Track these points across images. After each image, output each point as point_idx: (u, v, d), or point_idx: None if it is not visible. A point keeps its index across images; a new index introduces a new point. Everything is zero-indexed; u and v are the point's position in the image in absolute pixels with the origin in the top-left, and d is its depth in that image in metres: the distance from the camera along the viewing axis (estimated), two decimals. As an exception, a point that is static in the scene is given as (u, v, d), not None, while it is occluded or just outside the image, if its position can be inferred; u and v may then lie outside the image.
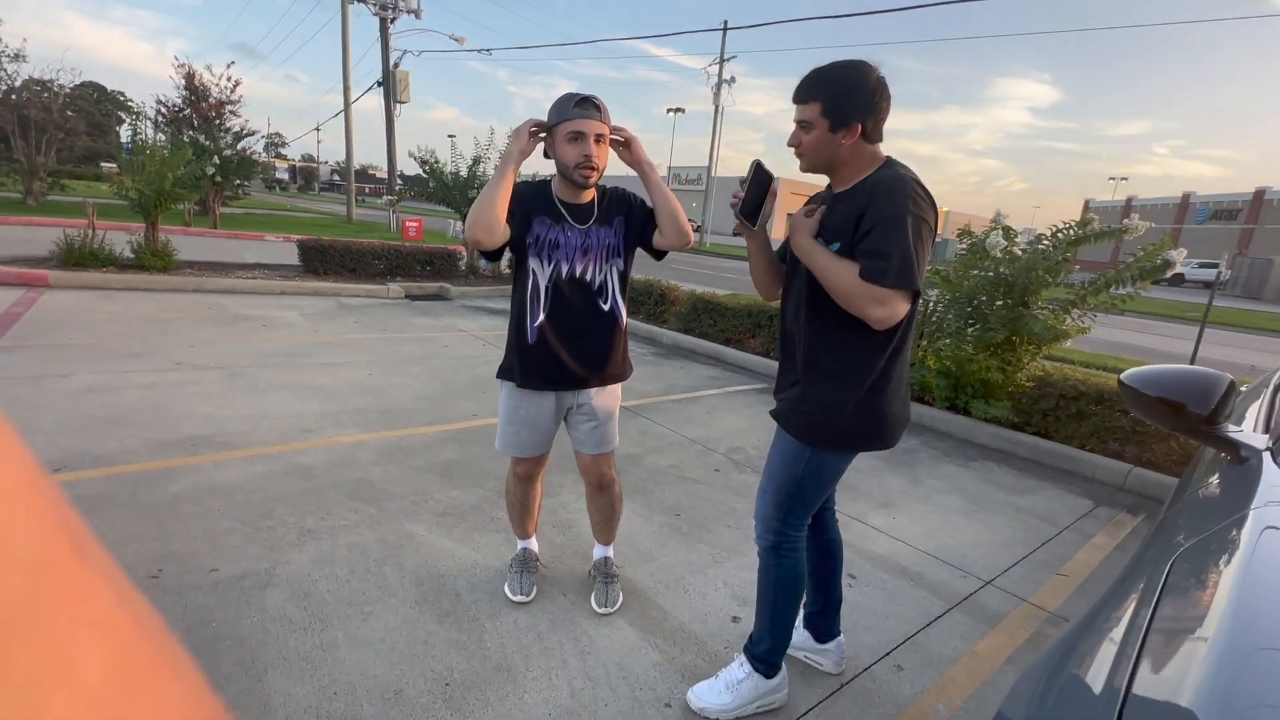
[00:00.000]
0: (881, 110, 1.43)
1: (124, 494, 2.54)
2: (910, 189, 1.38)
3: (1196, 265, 30.19)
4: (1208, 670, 0.61)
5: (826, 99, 1.42)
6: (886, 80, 1.44)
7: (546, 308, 1.84)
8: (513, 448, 2.00)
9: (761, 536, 1.68)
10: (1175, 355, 8.45)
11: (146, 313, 5.75)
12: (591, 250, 1.84)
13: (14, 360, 4.02)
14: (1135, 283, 4.09)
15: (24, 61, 14.65)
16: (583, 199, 1.84)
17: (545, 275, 1.82)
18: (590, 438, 2.00)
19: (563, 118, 1.70)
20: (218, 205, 14.89)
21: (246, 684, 1.66)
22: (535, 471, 2.10)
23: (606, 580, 2.17)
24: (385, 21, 20.07)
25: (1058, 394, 4.23)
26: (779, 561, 1.66)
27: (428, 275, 9.12)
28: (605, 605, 2.10)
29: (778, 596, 1.67)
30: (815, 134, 1.45)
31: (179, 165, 7.28)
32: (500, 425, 2.00)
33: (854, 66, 1.43)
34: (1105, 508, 3.47)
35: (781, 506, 1.62)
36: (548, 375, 1.88)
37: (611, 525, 2.20)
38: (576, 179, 1.74)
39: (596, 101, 1.71)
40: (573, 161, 1.72)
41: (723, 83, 29.62)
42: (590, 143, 1.70)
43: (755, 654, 1.72)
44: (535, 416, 1.95)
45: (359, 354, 5.12)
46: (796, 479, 1.59)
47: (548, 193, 1.84)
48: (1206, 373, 1.33)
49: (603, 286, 1.88)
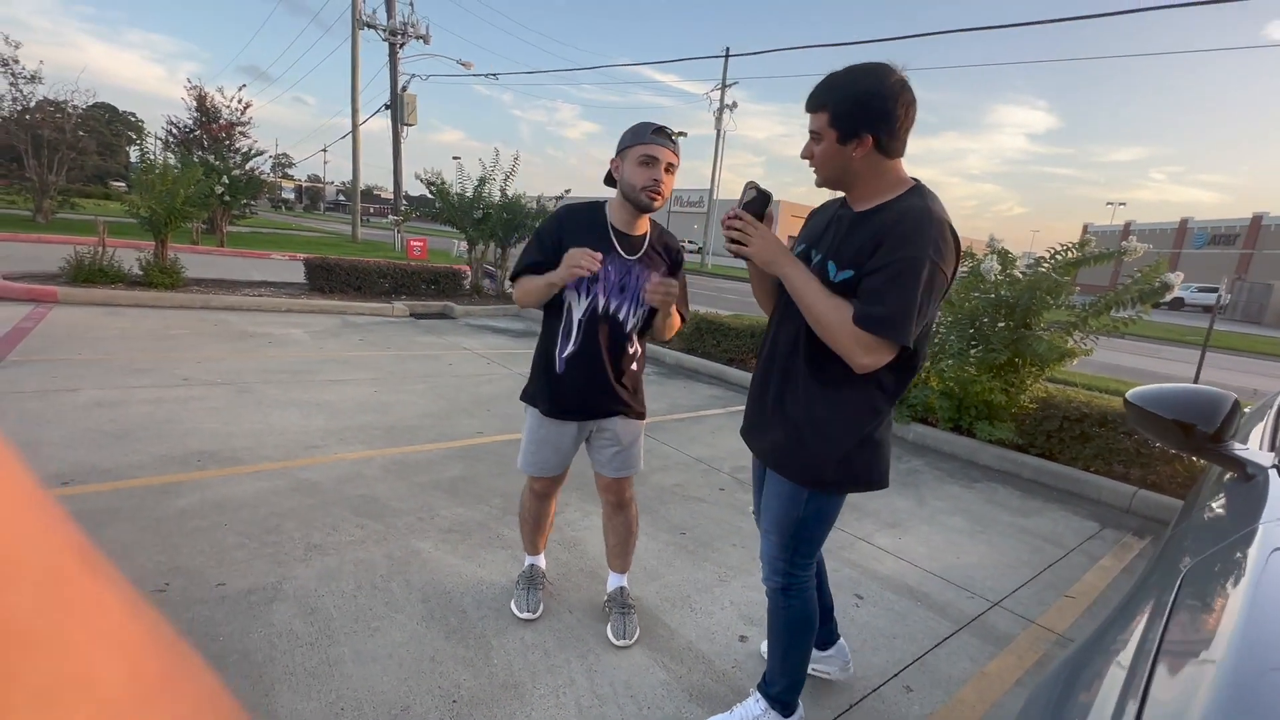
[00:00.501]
0: (899, 120, 1.28)
1: (131, 508, 2.54)
2: (937, 231, 1.26)
3: (1196, 290, 30.34)
4: (1218, 693, 0.62)
5: (833, 107, 1.30)
6: (910, 86, 1.30)
7: (577, 342, 1.85)
8: (534, 468, 2.01)
9: (769, 579, 1.61)
10: (1176, 378, 8.46)
11: (154, 329, 5.79)
12: (628, 289, 1.85)
13: (23, 374, 4.04)
14: (1135, 305, 4.13)
15: (39, 83, 14.93)
16: (637, 229, 1.86)
17: (581, 309, 1.84)
18: (612, 462, 2.01)
19: (639, 141, 1.75)
20: (225, 224, 15.05)
21: (254, 699, 1.65)
22: (552, 489, 2.12)
23: (624, 611, 2.12)
24: (394, 47, 20.49)
25: (1061, 415, 4.24)
26: (789, 603, 1.60)
27: (432, 294, 9.18)
28: (624, 638, 2.05)
29: (790, 637, 1.62)
30: (824, 145, 1.33)
31: (189, 184, 7.39)
32: (523, 445, 2.02)
33: (869, 70, 1.29)
34: (1111, 530, 3.46)
35: (787, 548, 1.56)
36: (572, 406, 1.92)
37: (628, 549, 2.18)
38: (642, 200, 1.77)
39: (671, 133, 1.77)
40: (642, 183, 1.75)
41: (724, 108, 30.09)
42: (661, 169, 1.75)
43: (770, 694, 1.67)
44: (558, 439, 1.97)
45: (364, 371, 5.14)
46: (798, 520, 1.52)
47: (600, 219, 1.85)
48: (1211, 391, 1.35)
49: (632, 331, 1.91)
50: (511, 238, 9.62)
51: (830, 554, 2.80)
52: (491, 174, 9.30)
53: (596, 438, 2.01)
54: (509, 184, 9.31)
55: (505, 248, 9.92)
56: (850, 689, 1.94)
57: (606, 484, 2.06)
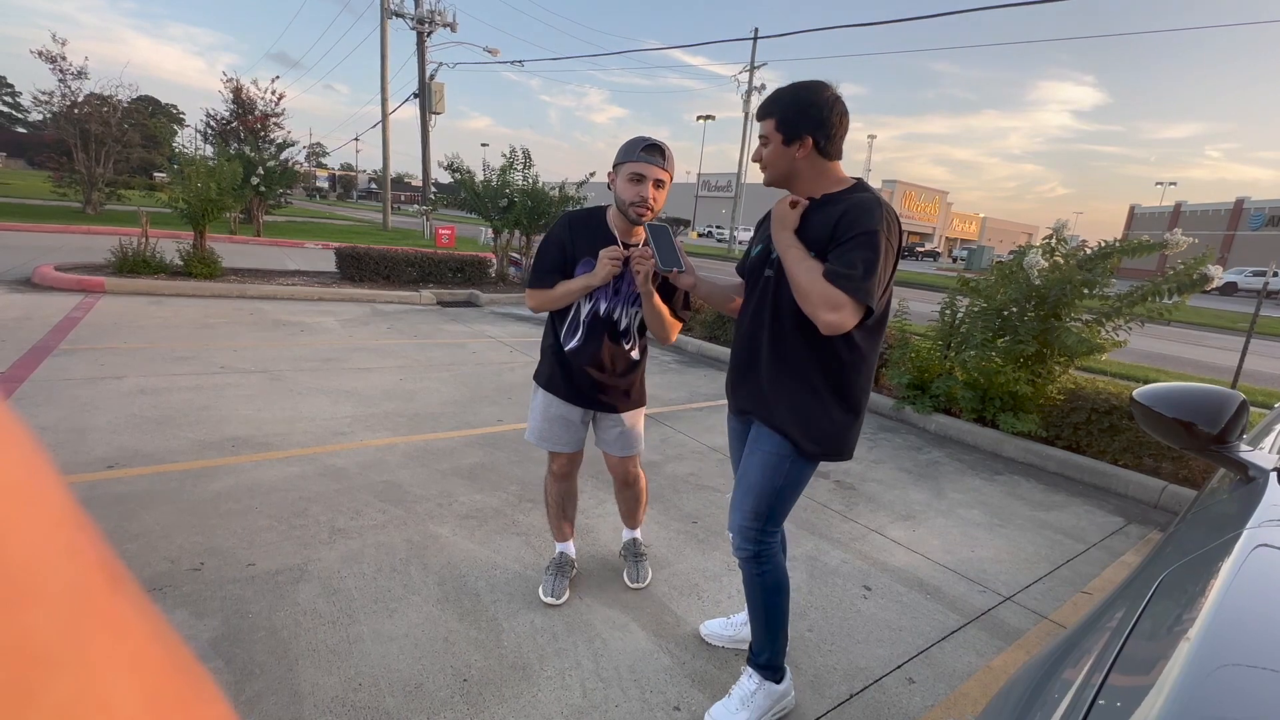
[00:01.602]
0: (834, 126, 1.51)
1: (170, 491, 2.70)
2: (885, 212, 1.46)
3: (1250, 274, 28.92)
4: (1171, 685, 0.63)
5: (779, 114, 1.52)
6: (843, 100, 1.53)
7: (580, 338, 1.99)
8: (546, 441, 2.12)
9: (741, 548, 1.71)
10: (1219, 369, 8.13)
11: (194, 318, 6.04)
12: (622, 292, 1.96)
13: (73, 362, 4.28)
14: (1173, 297, 3.99)
15: (86, 79, 15.48)
16: (634, 237, 1.96)
17: (586, 308, 1.97)
18: (617, 442, 2.15)
19: (628, 159, 1.83)
20: (261, 213, 15.48)
21: (279, 673, 1.75)
22: (570, 469, 2.22)
23: (636, 559, 2.36)
24: (422, 36, 20.63)
25: (1090, 407, 4.13)
26: (762, 570, 1.70)
27: (459, 282, 9.34)
28: (637, 581, 2.29)
29: (769, 603, 1.72)
30: (771, 147, 1.55)
31: (225, 177, 7.63)
32: (531, 418, 2.15)
33: (807, 85, 1.53)
34: (1137, 525, 3.38)
35: (760, 516, 1.66)
36: (575, 394, 2.04)
37: (637, 513, 2.38)
38: (630, 215, 1.87)
39: (663, 149, 1.85)
40: (630, 199, 1.85)
41: (753, 90, 29.60)
42: (649, 186, 1.83)
43: (760, 663, 1.75)
44: (566, 414, 2.09)
45: (391, 359, 5.29)
46: (777, 488, 1.63)
47: (601, 223, 1.97)
48: (1218, 391, 1.33)
49: (628, 329, 2.02)
50: (535, 225, 9.71)
51: (841, 545, 2.82)
52: (513, 165, 9.38)
53: (601, 419, 2.14)
54: (527, 171, 9.39)
55: (530, 236, 10.01)
56: (851, 679, 1.96)
57: (614, 463, 2.22)
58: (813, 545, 2.79)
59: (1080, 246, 4.38)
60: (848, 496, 3.37)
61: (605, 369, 2.01)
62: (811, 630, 2.19)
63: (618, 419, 2.11)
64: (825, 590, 2.45)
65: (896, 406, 4.89)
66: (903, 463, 3.99)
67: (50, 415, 3.35)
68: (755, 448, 1.66)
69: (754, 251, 1.74)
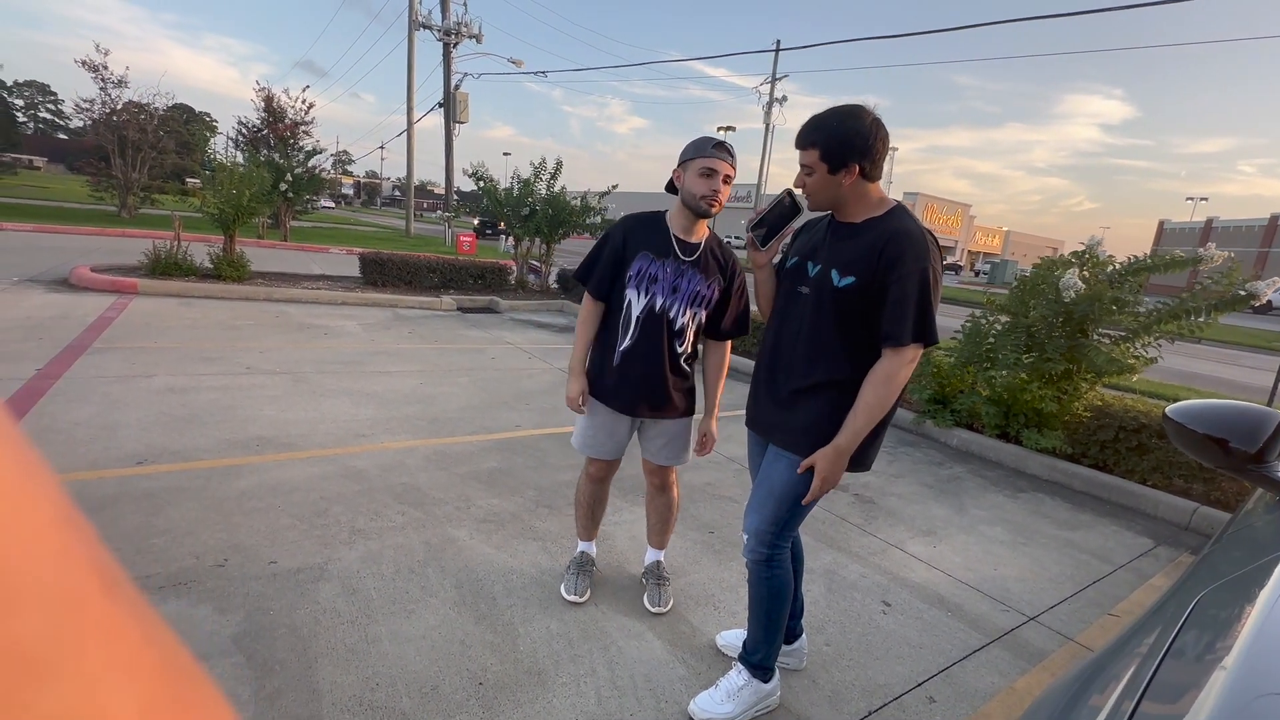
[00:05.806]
0: (878, 151, 1.53)
1: (196, 488, 2.75)
2: (926, 243, 1.50)
3: (1286, 292, 28.08)
4: (1205, 717, 0.61)
5: (823, 144, 1.52)
6: (882, 121, 1.54)
7: (633, 336, 2.00)
8: (589, 449, 2.14)
9: (754, 550, 1.72)
10: (1253, 389, 7.90)
11: (222, 320, 6.17)
12: (680, 290, 1.99)
13: (107, 361, 4.39)
14: (1208, 314, 3.90)
15: (126, 87, 16.01)
16: (694, 236, 2.01)
17: (639, 305, 1.99)
18: (662, 451, 2.16)
19: (701, 154, 1.89)
20: (289, 219, 15.80)
21: (299, 670, 1.77)
22: (607, 474, 2.24)
23: (659, 583, 2.30)
24: (448, 47, 21.02)
25: (1117, 425, 4.04)
26: (770, 574, 1.72)
27: (479, 289, 9.44)
28: (658, 605, 2.24)
29: (771, 606, 1.74)
30: (817, 177, 1.56)
31: (255, 184, 7.82)
32: (578, 426, 2.17)
33: (850, 112, 1.53)
34: (1167, 548, 3.29)
35: (779, 522, 1.68)
36: (624, 401, 2.05)
37: (667, 528, 2.35)
38: (701, 206, 1.92)
39: (729, 148, 1.91)
40: (701, 193, 1.90)
41: (774, 101, 29.63)
42: (719, 180, 1.90)
43: (752, 663, 1.78)
44: (612, 424, 2.10)
45: (411, 363, 5.35)
46: (799, 496, 1.63)
47: (661, 224, 2.02)
48: (1255, 409, 1.29)
49: (683, 329, 2.03)
50: (556, 234, 9.78)
51: (860, 559, 2.78)
52: (538, 174, 9.48)
53: (649, 427, 2.14)
54: (554, 182, 9.47)
55: (550, 244, 10.09)
56: (870, 695, 1.93)
57: (653, 469, 2.21)
58: (831, 558, 2.76)
59: (1109, 260, 4.30)
60: (867, 510, 3.33)
61: (659, 366, 2.01)
62: (829, 645, 2.16)
63: (666, 426, 2.11)
64: (844, 604, 2.42)
65: (917, 420, 4.82)
66: (923, 477, 3.93)
67: (84, 411, 3.44)
68: (780, 453, 1.68)
69: (789, 263, 1.75)
